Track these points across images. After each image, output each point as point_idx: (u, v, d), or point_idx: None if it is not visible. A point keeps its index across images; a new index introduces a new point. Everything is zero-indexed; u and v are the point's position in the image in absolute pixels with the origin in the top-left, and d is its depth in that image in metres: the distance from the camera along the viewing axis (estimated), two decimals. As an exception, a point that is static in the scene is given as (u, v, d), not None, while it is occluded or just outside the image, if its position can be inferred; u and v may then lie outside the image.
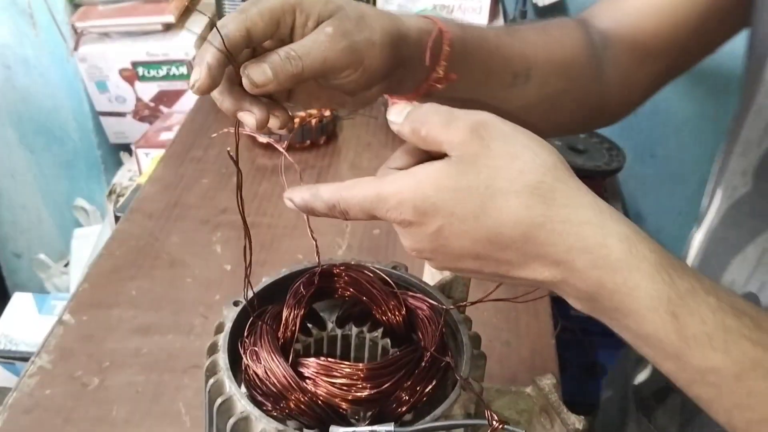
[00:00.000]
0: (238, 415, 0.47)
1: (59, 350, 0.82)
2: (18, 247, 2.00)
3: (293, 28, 0.50)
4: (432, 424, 0.46)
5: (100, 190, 1.90)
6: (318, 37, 0.49)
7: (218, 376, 0.50)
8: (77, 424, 0.74)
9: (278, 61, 0.48)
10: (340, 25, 0.50)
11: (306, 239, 0.99)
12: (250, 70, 0.49)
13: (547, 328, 0.88)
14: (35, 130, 1.83)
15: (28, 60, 1.72)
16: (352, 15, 0.51)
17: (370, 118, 1.32)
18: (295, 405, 0.49)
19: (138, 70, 1.68)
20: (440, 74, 0.57)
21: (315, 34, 0.50)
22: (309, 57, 0.49)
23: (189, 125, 1.29)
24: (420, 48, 0.55)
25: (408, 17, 0.56)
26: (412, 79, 0.58)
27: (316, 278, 0.55)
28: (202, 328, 0.86)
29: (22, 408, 0.76)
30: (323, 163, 1.20)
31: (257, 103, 0.51)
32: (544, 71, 0.65)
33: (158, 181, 1.13)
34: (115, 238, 1.01)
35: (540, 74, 0.65)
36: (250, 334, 0.52)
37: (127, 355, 0.82)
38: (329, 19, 0.50)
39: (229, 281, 0.91)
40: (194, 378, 0.79)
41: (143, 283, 0.93)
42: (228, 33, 0.48)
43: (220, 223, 1.01)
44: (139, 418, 0.75)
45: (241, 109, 0.52)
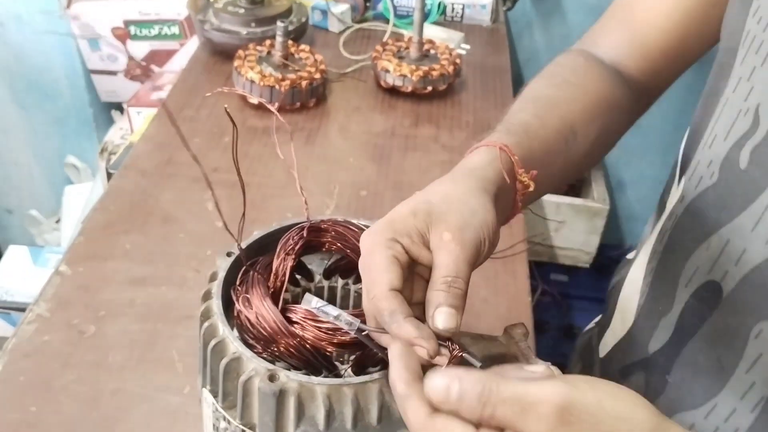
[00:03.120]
0: (231, 356, 0.51)
1: (56, 299, 0.86)
2: (9, 203, 2.02)
3: (407, 251, 0.50)
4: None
5: (91, 147, 1.91)
6: (448, 248, 0.49)
7: (212, 320, 0.53)
8: (75, 368, 0.78)
9: (446, 295, 0.48)
10: (449, 224, 0.50)
11: (295, 198, 1.03)
12: (442, 323, 0.47)
13: (523, 287, 0.92)
14: (27, 87, 1.84)
15: (20, 17, 1.73)
16: (442, 207, 0.52)
17: (360, 81, 1.34)
18: (285, 348, 0.52)
19: (130, 29, 1.69)
20: (525, 180, 0.59)
21: (441, 247, 0.50)
22: (460, 270, 0.49)
23: (181, 85, 1.31)
24: (499, 175, 0.57)
25: (471, 161, 0.58)
26: (509, 202, 0.59)
27: (304, 232, 0.59)
28: (194, 281, 0.89)
29: (21, 353, 0.79)
30: (313, 125, 1.22)
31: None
32: (584, 120, 0.67)
33: (151, 139, 1.16)
34: (109, 194, 1.04)
35: (582, 125, 0.67)
36: (243, 282, 0.56)
37: (122, 305, 0.86)
38: (434, 226, 0.50)
39: (221, 237, 0.93)
40: (187, 328, 0.83)
41: (137, 237, 0.96)
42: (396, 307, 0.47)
43: (211, 182, 1.04)
44: (134, 363, 0.79)
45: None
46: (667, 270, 0.67)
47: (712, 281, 0.61)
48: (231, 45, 1.32)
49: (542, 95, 0.68)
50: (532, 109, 0.66)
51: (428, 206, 0.51)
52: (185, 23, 1.69)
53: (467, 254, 0.49)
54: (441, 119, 1.27)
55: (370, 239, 0.50)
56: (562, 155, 0.65)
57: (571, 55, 0.76)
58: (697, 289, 0.63)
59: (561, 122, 0.65)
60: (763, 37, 0.57)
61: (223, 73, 1.34)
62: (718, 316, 0.61)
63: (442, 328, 0.47)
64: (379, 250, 0.49)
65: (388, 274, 0.48)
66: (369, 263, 0.49)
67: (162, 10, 1.67)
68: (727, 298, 0.60)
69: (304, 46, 1.31)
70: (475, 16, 1.60)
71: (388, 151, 1.18)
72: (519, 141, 0.60)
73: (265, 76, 1.20)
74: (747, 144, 0.58)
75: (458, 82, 1.35)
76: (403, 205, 0.52)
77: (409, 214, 0.51)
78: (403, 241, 0.50)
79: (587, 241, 1.86)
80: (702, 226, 0.62)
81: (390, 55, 1.31)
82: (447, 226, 0.50)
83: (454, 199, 0.52)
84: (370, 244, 0.50)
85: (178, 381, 0.77)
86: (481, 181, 0.55)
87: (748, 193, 0.58)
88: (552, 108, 0.66)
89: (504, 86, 1.39)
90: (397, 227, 0.50)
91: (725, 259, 0.60)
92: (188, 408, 0.74)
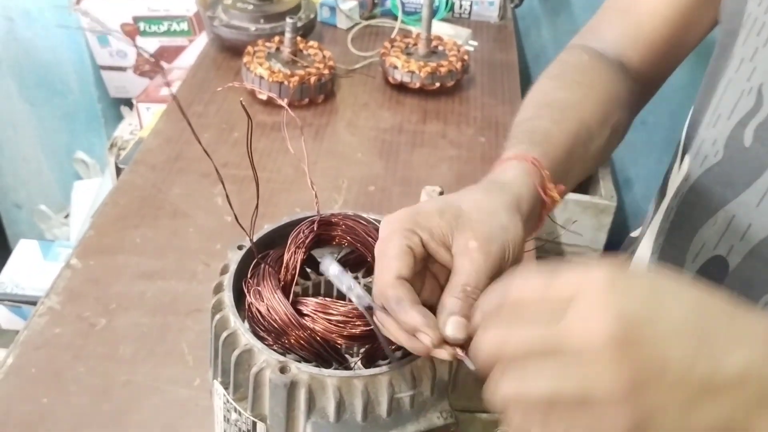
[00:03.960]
0: (242, 348, 0.52)
1: (67, 292, 0.86)
2: (19, 198, 2.03)
3: (424, 245, 0.50)
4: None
5: (100, 143, 1.92)
6: (472, 256, 0.49)
7: (223, 313, 0.54)
8: (85, 360, 0.79)
9: (461, 303, 0.47)
10: (477, 232, 0.50)
11: (303, 194, 1.04)
12: (451, 331, 0.47)
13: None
14: (36, 83, 1.85)
15: (30, 12, 1.74)
16: (472, 214, 0.51)
17: (368, 77, 1.35)
18: (295, 340, 0.53)
19: (139, 25, 1.70)
20: (554, 195, 0.58)
21: (465, 254, 0.49)
22: (480, 281, 0.48)
23: (190, 81, 1.32)
24: (532, 193, 0.56)
25: (504, 175, 0.57)
26: (536, 216, 0.59)
27: (315, 225, 0.59)
28: (204, 274, 0.90)
29: (32, 345, 0.80)
30: (321, 121, 1.23)
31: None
32: (598, 121, 0.67)
33: (160, 134, 1.16)
34: (119, 188, 1.05)
35: (597, 125, 0.66)
36: (254, 275, 0.56)
37: (133, 299, 0.86)
38: (460, 230, 0.50)
39: (230, 232, 0.95)
40: (197, 321, 0.83)
41: (147, 231, 0.97)
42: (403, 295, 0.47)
43: (219, 178, 1.05)
44: (145, 356, 0.80)
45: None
46: (674, 246, 0.68)
47: (719, 256, 0.62)
48: (240, 41, 1.32)
49: (555, 99, 0.68)
50: (549, 115, 0.65)
51: (457, 210, 0.51)
52: (194, 19, 1.69)
53: (489, 267, 0.49)
54: (449, 115, 1.27)
55: (389, 226, 0.50)
56: (582, 159, 0.65)
57: (575, 52, 0.75)
58: (703, 265, 0.64)
59: (578, 126, 0.64)
60: (765, 19, 0.58)
61: (232, 70, 1.34)
62: (725, 290, 0.61)
63: (451, 337, 0.46)
64: (396, 238, 0.49)
65: (399, 262, 0.48)
66: (383, 249, 0.50)
67: (171, 7, 1.68)
68: (733, 273, 0.61)
69: (313, 43, 1.31)
70: (482, 12, 1.60)
71: (396, 146, 1.18)
72: (545, 152, 0.59)
73: (274, 72, 1.21)
74: (751, 122, 0.59)
75: (466, 78, 1.35)
76: (431, 202, 0.52)
77: (435, 212, 0.51)
78: (422, 234, 0.50)
79: (595, 237, 1.86)
80: (708, 202, 0.63)
81: (398, 52, 1.31)
82: (474, 234, 0.50)
83: (485, 209, 0.52)
84: (388, 231, 0.50)
85: (188, 373, 0.78)
86: (515, 198, 0.54)
87: (752, 170, 0.59)
88: (567, 112, 0.65)
89: (512, 83, 1.40)
90: (420, 220, 0.50)
91: (731, 235, 0.61)
92: (198, 400, 0.75)
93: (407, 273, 0.48)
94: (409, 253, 0.49)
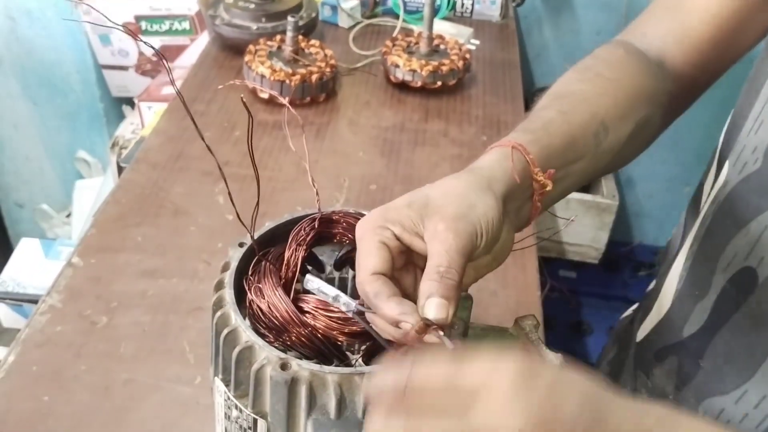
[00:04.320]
0: (243, 345, 0.51)
1: (69, 290, 0.86)
2: (21, 197, 2.03)
3: (399, 238, 0.51)
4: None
5: (101, 142, 1.92)
6: (441, 238, 0.49)
7: (224, 310, 0.54)
8: (87, 358, 0.79)
9: (438, 285, 0.48)
10: (444, 215, 0.50)
11: (304, 192, 1.04)
12: (432, 312, 0.47)
13: (533, 281, 0.92)
14: (38, 82, 1.85)
15: (32, 12, 1.74)
16: (439, 200, 0.51)
17: (370, 75, 1.35)
18: (296, 337, 0.53)
19: (141, 24, 1.70)
20: (541, 179, 0.57)
21: (435, 237, 0.50)
22: (453, 259, 0.48)
23: (191, 80, 1.32)
24: (507, 174, 0.55)
25: (479, 162, 0.57)
26: (525, 202, 0.58)
27: (316, 223, 0.59)
28: (205, 273, 0.90)
29: (33, 343, 0.80)
30: (322, 119, 1.23)
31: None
32: (617, 115, 0.65)
33: (162, 133, 1.16)
34: (120, 187, 1.05)
35: (614, 120, 0.64)
36: (255, 272, 0.56)
37: (134, 297, 0.86)
38: (429, 216, 0.50)
39: (231, 230, 0.95)
40: (198, 319, 0.83)
41: (148, 230, 0.97)
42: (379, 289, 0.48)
43: (222, 176, 1.05)
44: (146, 354, 0.80)
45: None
46: (706, 255, 0.66)
47: (749, 267, 0.60)
48: (241, 40, 1.32)
49: (570, 91, 0.66)
50: (558, 105, 0.64)
51: (425, 199, 0.52)
52: (196, 18, 1.69)
53: (460, 244, 0.49)
54: (450, 114, 1.27)
55: (361, 228, 0.51)
56: (590, 151, 0.63)
57: (611, 47, 0.73)
58: (733, 275, 0.62)
59: (589, 117, 0.63)
60: None
61: (234, 68, 1.34)
62: (753, 302, 0.60)
63: (433, 318, 0.47)
64: (368, 237, 0.50)
65: (373, 258, 0.49)
66: (359, 249, 0.51)
67: (173, 6, 1.68)
68: (763, 285, 0.59)
69: (314, 41, 1.31)
70: (484, 11, 1.60)
71: (397, 145, 1.18)
72: (537, 138, 0.59)
73: (276, 71, 1.20)
74: None
75: (468, 77, 1.35)
76: (401, 198, 0.53)
77: (404, 205, 0.52)
78: (393, 228, 0.50)
79: (596, 237, 1.86)
80: (743, 211, 0.61)
81: (400, 50, 1.31)
82: (441, 217, 0.50)
83: (452, 193, 0.52)
84: (361, 231, 0.51)
85: (190, 372, 0.78)
86: (485, 179, 0.54)
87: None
88: (579, 103, 0.64)
89: (513, 81, 1.40)
90: (390, 215, 0.51)
91: (762, 246, 0.59)
92: (199, 398, 0.75)
93: (383, 267, 0.49)
94: (382, 248, 0.50)
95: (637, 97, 0.67)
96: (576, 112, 0.63)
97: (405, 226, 0.51)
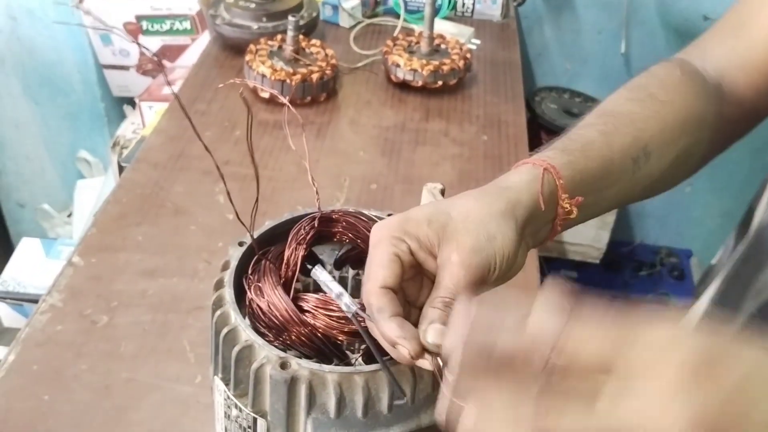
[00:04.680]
0: (243, 344, 0.51)
1: (69, 290, 0.86)
2: (22, 197, 2.03)
3: (413, 253, 0.50)
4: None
5: (103, 142, 1.92)
6: (452, 270, 0.49)
7: (224, 309, 0.54)
8: (87, 358, 0.79)
9: (440, 314, 0.47)
10: (460, 245, 0.49)
11: (304, 191, 1.04)
12: (430, 336, 0.46)
13: (534, 279, 0.92)
14: (39, 82, 1.85)
15: (33, 12, 1.74)
16: (460, 224, 0.50)
17: (371, 75, 1.35)
18: (296, 336, 0.53)
19: (142, 24, 1.70)
20: (567, 207, 0.55)
21: (447, 266, 0.49)
22: (459, 294, 0.48)
23: (192, 79, 1.32)
24: (534, 200, 0.54)
25: (509, 178, 0.55)
26: (545, 223, 0.56)
27: (316, 222, 0.59)
28: (205, 272, 0.90)
29: (34, 342, 0.80)
30: (323, 119, 1.23)
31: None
32: (663, 141, 0.62)
33: (163, 132, 1.16)
34: (121, 186, 1.05)
35: (658, 145, 0.62)
36: (254, 271, 0.56)
37: (134, 296, 0.86)
38: (446, 240, 0.50)
39: (232, 229, 0.94)
40: (198, 318, 0.83)
41: (149, 229, 0.97)
42: (384, 305, 0.47)
43: (222, 174, 1.05)
44: (146, 353, 0.80)
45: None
46: (739, 278, 0.64)
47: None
48: (242, 40, 1.32)
49: (618, 110, 0.64)
50: (602, 125, 0.61)
51: (446, 219, 0.51)
52: (197, 18, 1.69)
53: (470, 279, 0.49)
54: (451, 113, 1.27)
55: (379, 233, 0.51)
56: (627, 177, 0.61)
57: (669, 66, 0.69)
58: (762, 305, 0.59)
59: (632, 141, 0.61)
60: None
61: (235, 68, 1.34)
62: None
63: (431, 343, 0.46)
64: (383, 246, 0.49)
65: (384, 270, 0.48)
66: (372, 256, 0.50)
67: (174, 5, 1.68)
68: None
69: (315, 41, 1.31)
70: (485, 11, 1.60)
71: (398, 145, 1.18)
72: (573, 161, 0.57)
73: (276, 71, 1.20)
74: None
75: (468, 76, 1.35)
76: (422, 209, 0.52)
77: (424, 220, 0.51)
78: (410, 243, 0.50)
79: (597, 236, 1.86)
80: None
81: (400, 50, 1.31)
82: (458, 246, 0.49)
83: (473, 218, 0.51)
84: (377, 238, 0.50)
85: (190, 371, 0.78)
86: (510, 204, 0.52)
87: None
88: (625, 125, 0.61)
89: (514, 81, 1.39)
90: (409, 228, 0.50)
91: None
92: (199, 397, 0.75)
93: (392, 282, 0.48)
94: (395, 261, 0.49)
95: (687, 122, 0.64)
96: (619, 134, 0.61)
97: (421, 243, 0.50)
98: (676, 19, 1.81)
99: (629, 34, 1.85)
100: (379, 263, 0.49)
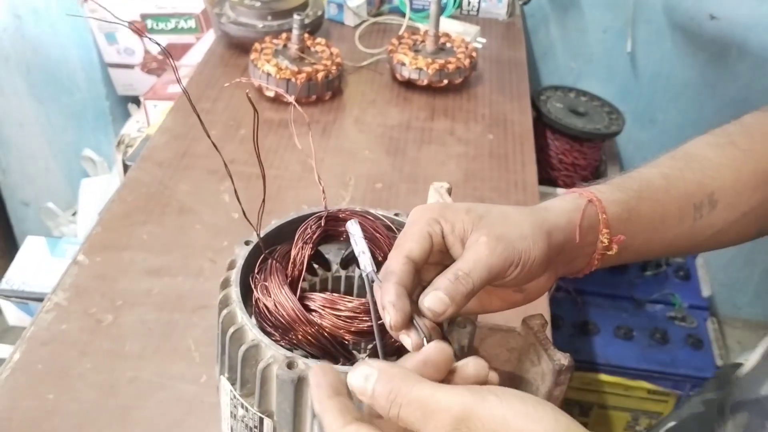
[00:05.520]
0: (249, 343, 0.51)
1: (74, 288, 0.86)
2: (26, 196, 2.03)
3: (444, 237, 0.51)
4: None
5: (107, 141, 1.92)
6: (477, 249, 0.49)
7: (231, 308, 0.54)
8: (92, 356, 0.78)
9: (450, 284, 0.48)
10: (491, 231, 0.50)
11: (310, 190, 1.03)
12: (429, 302, 0.48)
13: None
14: (44, 81, 1.85)
15: (38, 10, 1.74)
16: (496, 218, 0.52)
17: (376, 74, 1.34)
18: (303, 336, 0.52)
19: (147, 23, 1.69)
20: (605, 242, 0.55)
21: (473, 246, 0.50)
22: (476, 271, 0.49)
23: (197, 78, 1.32)
24: (571, 227, 0.54)
25: (552, 202, 0.56)
26: (581, 255, 0.56)
27: (322, 221, 0.59)
28: (210, 271, 0.90)
29: (39, 341, 0.80)
30: (328, 118, 1.22)
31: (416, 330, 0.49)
32: (735, 191, 0.60)
33: (168, 131, 1.16)
34: (126, 185, 1.04)
35: (729, 195, 0.60)
36: (261, 270, 0.56)
37: (139, 295, 0.86)
38: (478, 228, 0.51)
39: (237, 228, 0.94)
40: (203, 317, 0.83)
41: (154, 228, 0.96)
42: (397, 271, 0.48)
43: (227, 173, 1.04)
44: (151, 352, 0.79)
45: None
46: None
47: None
48: (247, 38, 1.32)
49: (692, 153, 0.62)
50: (667, 166, 0.60)
51: (484, 211, 0.52)
52: (202, 17, 1.69)
53: (491, 262, 0.49)
54: (457, 112, 1.26)
55: (417, 213, 0.52)
56: (687, 223, 0.59)
57: (762, 114, 0.66)
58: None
59: (695, 187, 0.59)
60: None
61: (240, 67, 1.34)
62: None
63: (427, 307, 0.48)
64: (420, 223, 0.51)
65: (413, 243, 0.50)
66: (406, 230, 0.51)
67: (179, 4, 1.68)
68: None
69: (320, 40, 1.31)
70: (491, 9, 1.60)
71: (403, 143, 1.18)
72: (625, 199, 0.56)
73: (282, 69, 1.20)
74: None
75: (474, 75, 1.35)
76: (465, 203, 0.53)
77: (464, 210, 0.52)
78: (444, 225, 0.51)
79: (602, 236, 1.85)
80: None
81: (406, 49, 1.30)
82: (488, 231, 0.50)
83: (511, 218, 0.52)
84: (416, 217, 0.52)
85: (195, 370, 0.78)
86: (548, 225, 0.53)
87: None
88: (693, 170, 0.60)
89: (520, 80, 1.39)
90: (447, 213, 0.51)
91: None
92: (204, 397, 0.75)
93: (417, 255, 0.49)
94: (427, 238, 0.50)
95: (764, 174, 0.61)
96: (683, 178, 0.59)
97: (455, 229, 0.51)
98: (683, 18, 1.80)
99: (635, 33, 1.84)
100: (410, 237, 0.50)
